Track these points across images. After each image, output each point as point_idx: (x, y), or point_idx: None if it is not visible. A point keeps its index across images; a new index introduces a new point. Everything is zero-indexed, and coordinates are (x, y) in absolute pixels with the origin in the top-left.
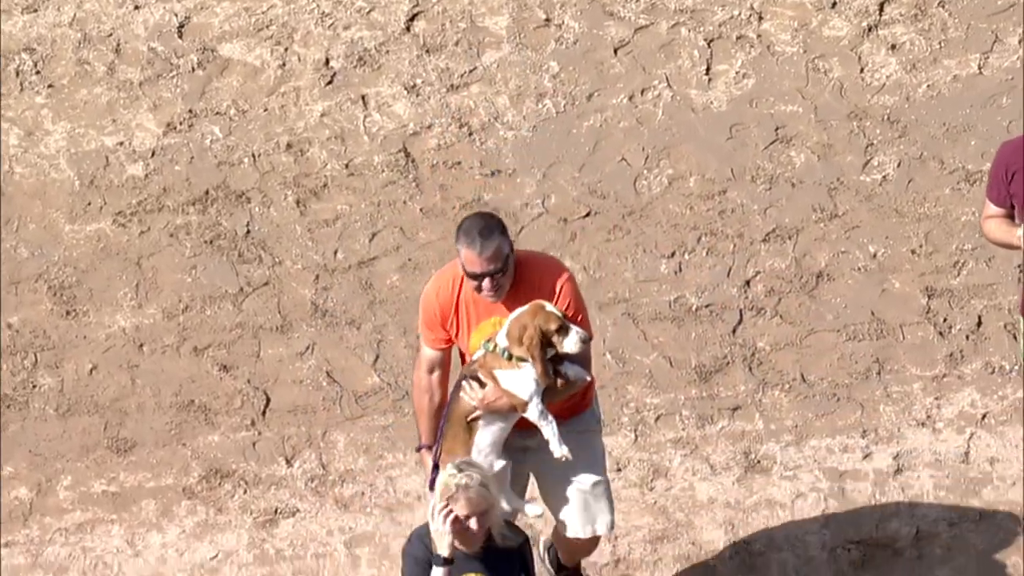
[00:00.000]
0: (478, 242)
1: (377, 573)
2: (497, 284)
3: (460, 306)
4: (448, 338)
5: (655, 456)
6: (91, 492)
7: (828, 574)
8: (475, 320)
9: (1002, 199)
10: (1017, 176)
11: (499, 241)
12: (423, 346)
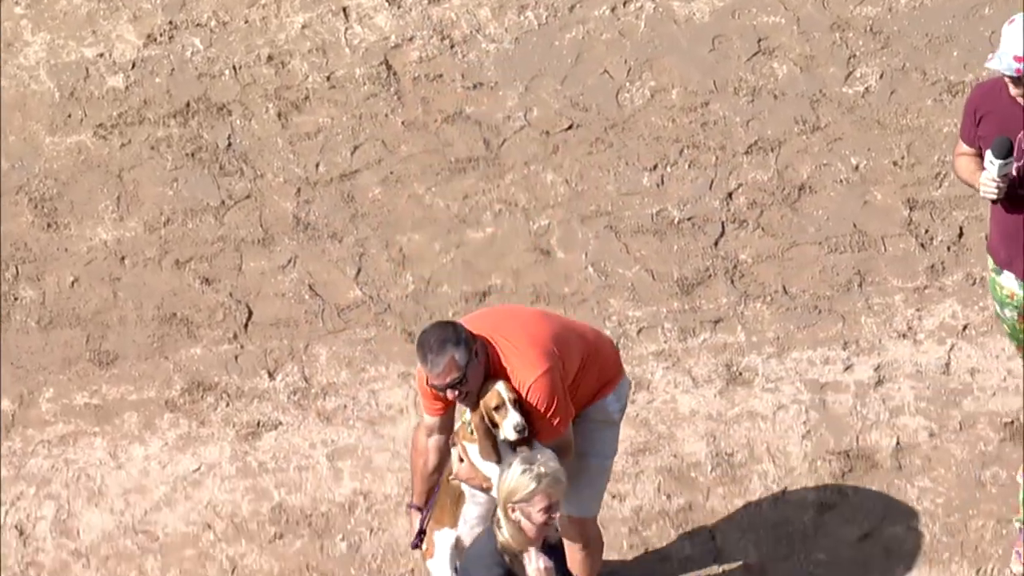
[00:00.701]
0: (429, 359)
1: (359, 486)
2: (463, 393)
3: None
4: (443, 405)
5: (637, 369)
6: (73, 404)
7: (809, 485)
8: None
9: (970, 139)
10: (985, 120)
11: (451, 354)
12: (425, 414)
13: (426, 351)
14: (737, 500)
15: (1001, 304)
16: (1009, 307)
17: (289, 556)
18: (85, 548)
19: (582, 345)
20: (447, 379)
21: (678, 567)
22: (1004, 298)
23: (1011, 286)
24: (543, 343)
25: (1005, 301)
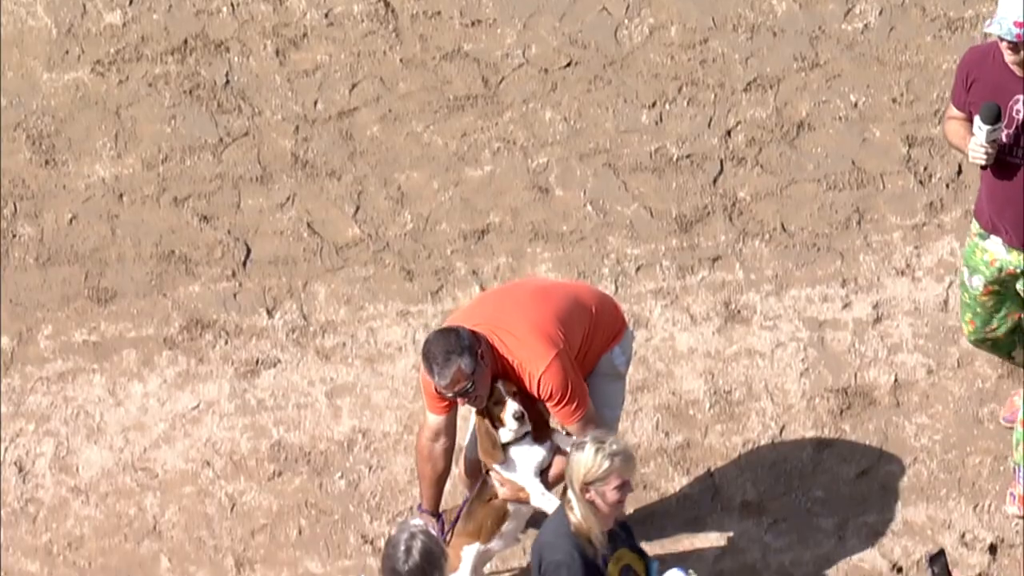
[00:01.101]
0: (435, 370)
1: (358, 424)
2: (472, 399)
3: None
4: (448, 404)
5: (636, 307)
6: (72, 341)
7: (807, 423)
8: None
9: (961, 103)
10: (975, 85)
11: (457, 364)
12: (428, 414)
13: (431, 362)
14: (735, 438)
15: (972, 271)
16: (980, 274)
17: (288, 493)
18: (84, 485)
19: (583, 315)
20: (456, 388)
21: (676, 505)
22: (981, 264)
23: (995, 251)
24: (545, 328)
25: (979, 267)
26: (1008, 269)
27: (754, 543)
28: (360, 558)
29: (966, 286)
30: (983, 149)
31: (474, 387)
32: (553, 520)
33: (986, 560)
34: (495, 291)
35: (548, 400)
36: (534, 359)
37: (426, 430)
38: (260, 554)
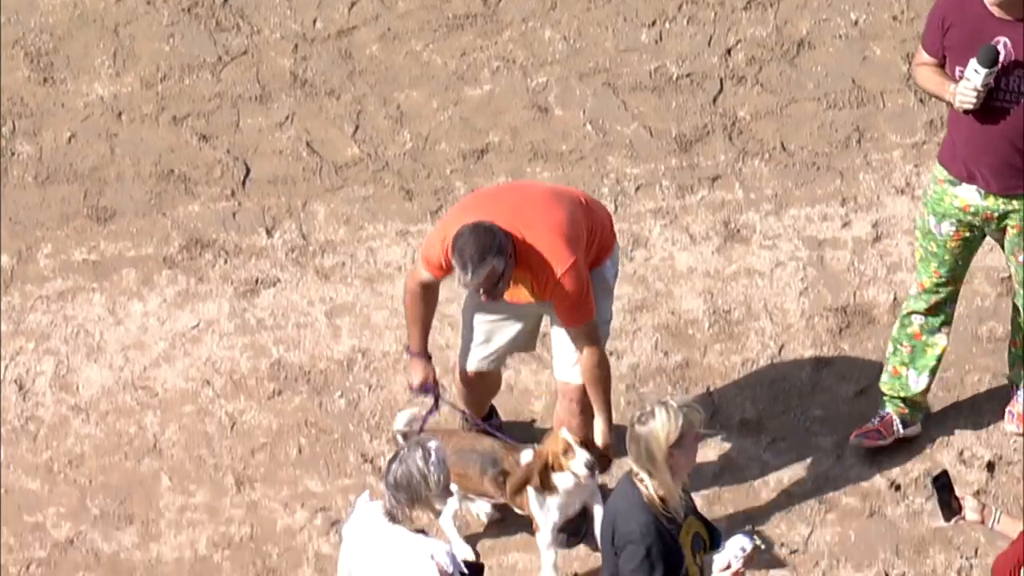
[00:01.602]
0: (468, 268)
1: (358, 343)
2: (493, 294)
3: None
4: (446, 273)
5: (635, 226)
6: (71, 260)
7: (806, 342)
8: None
9: (935, 49)
10: (952, 30)
11: (491, 265)
12: (421, 268)
13: (466, 261)
14: (734, 357)
15: (941, 217)
16: (951, 220)
17: (288, 412)
18: (84, 403)
19: (588, 223)
20: (484, 286)
21: None
22: (952, 210)
23: (968, 197)
24: (564, 231)
25: (950, 213)
26: (984, 214)
27: (753, 461)
28: (360, 477)
29: (932, 234)
30: (975, 94)
31: (500, 285)
32: (624, 492)
33: (984, 477)
34: (509, 188)
35: (562, 301)
36: (557, 260)
37: (416, 277)
38: (260, 473)
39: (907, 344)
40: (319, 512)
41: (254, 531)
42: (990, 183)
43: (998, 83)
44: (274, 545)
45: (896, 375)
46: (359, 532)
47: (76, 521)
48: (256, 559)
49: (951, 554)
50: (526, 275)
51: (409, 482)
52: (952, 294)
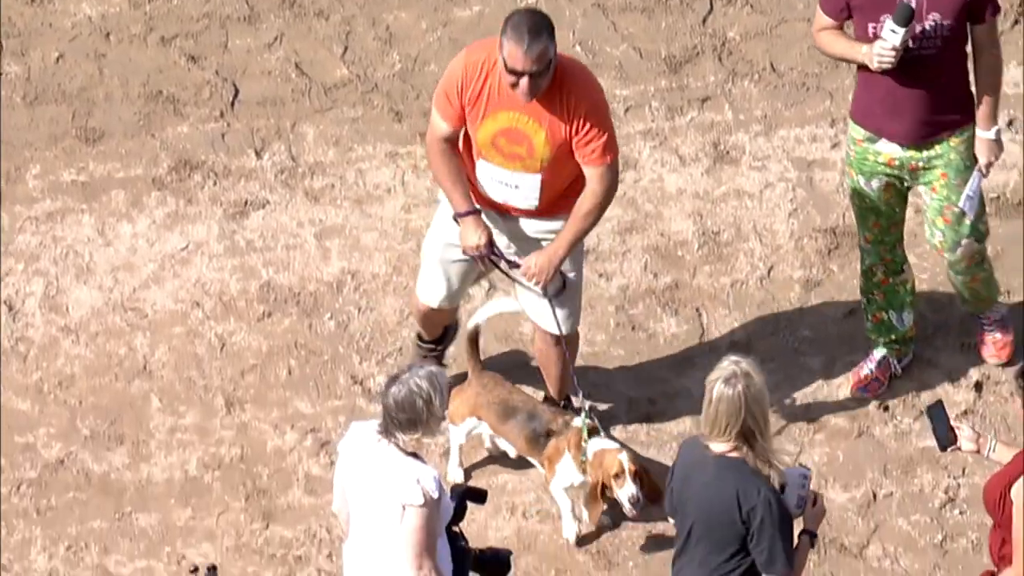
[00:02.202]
0: (526, 40)
1: (347, 265)
2: (535, 86)
3: (484, 88)
4: (461, 115)
5: (624, 148)
6: (60, 181)
7: (795, 263)
8: (493, 108)
9: (836, 11)
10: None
11: (547, 43)
12: (437, 118)
13: (524, 31)
14: (723, 278)
15: (869, 175)
16: (879, 177)
17: (277, 334)
18: (74, 324)
19: None
20: (535, 66)
21: (664, 345)
22: (877, 166)
23: (889, 151)
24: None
25: (876, 170)
26: (909, 165)
27: None
28: (350, 399)
29: (864, 192)
30: (894, 53)
31: (544, 74)
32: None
33: (972, 397)
34: None
35: (592, 129)
36: (591, 84)
37: (436, 133)
38: (250, 394)
39: (878, 292)
40: (309, 433)
41: (244, 452)
42: (910, 134)
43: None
44: (264, 466)
45: (878, 321)
46: (353, 451)
47: (66, 442)
48: (246, 480)
49: (939, 474)
50: (560, 96)
51: (412, 404)
52: (899, 236)
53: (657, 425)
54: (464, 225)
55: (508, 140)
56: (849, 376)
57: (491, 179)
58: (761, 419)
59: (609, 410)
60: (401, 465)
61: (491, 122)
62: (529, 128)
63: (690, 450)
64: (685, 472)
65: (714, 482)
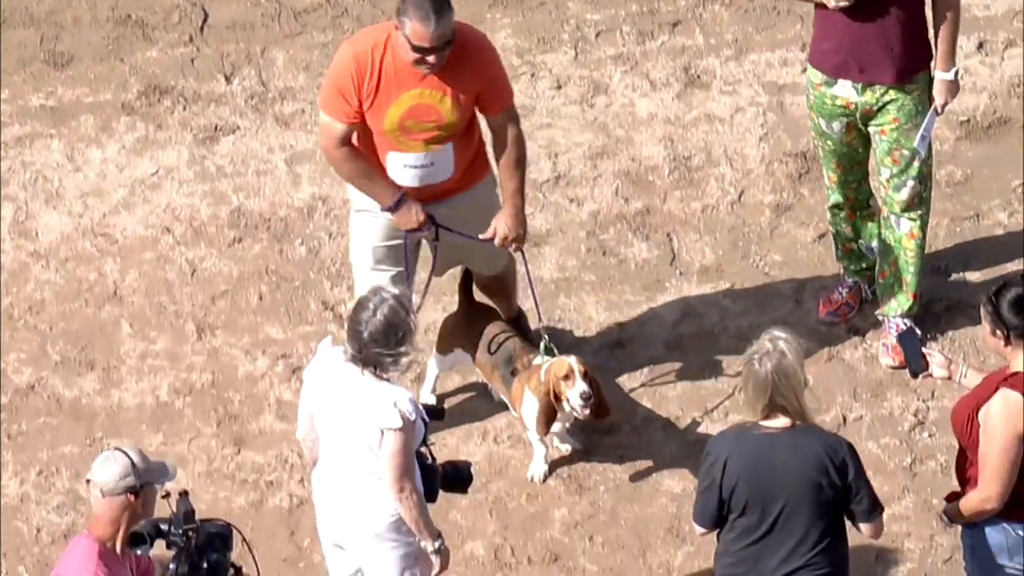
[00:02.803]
0: (433, 19)
1: (318, 191)
2: (441, 58)
3: (382, 76)
4: (359, 111)
5: (595, 73)
6: (29, 106)
7: (765, 187)
8: (395, 92)
9: None
10: None
11: (450, 16)
12: (331, 119)
13: (430, 9)
14: (694, 203)
15: (830, 118)
16: (839, 119)
17: (248, 260)
18: (44, 250)
19: None
20: (442, 41)
21: (635, 270)
22: (835, 109)
23: (846, 95)
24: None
25: (836, 113)
26: (864, 108)
27: (712, 307)
28: (321, 324)
29: (826, 134)
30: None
31: (449, 45)
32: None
33: (944, 319)
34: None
35: (495, 79)
36: (479, 35)
37: (333, 138)
38: (221, 320)
39: (845, 226)
40: (280, 359)
41: (215, 378)
42: (865, 75)
43: None
44: (236, 392)
45: (848, 251)
46: (321, 377)
47: (37, 367)
48: (218, 405)
49: (908, 397)
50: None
51: (385, 332)
52: (863, 173)
53: (628, 350)
54: (399, 213)
55: (416, 119)
56: (820, 300)
57: (404, 167)
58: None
59: (580, 335)
60: (376, 389)
61: (395, 107)
62: (434, 99)
63: (742, 441)
64: (754, 461)
65: (798, 450)
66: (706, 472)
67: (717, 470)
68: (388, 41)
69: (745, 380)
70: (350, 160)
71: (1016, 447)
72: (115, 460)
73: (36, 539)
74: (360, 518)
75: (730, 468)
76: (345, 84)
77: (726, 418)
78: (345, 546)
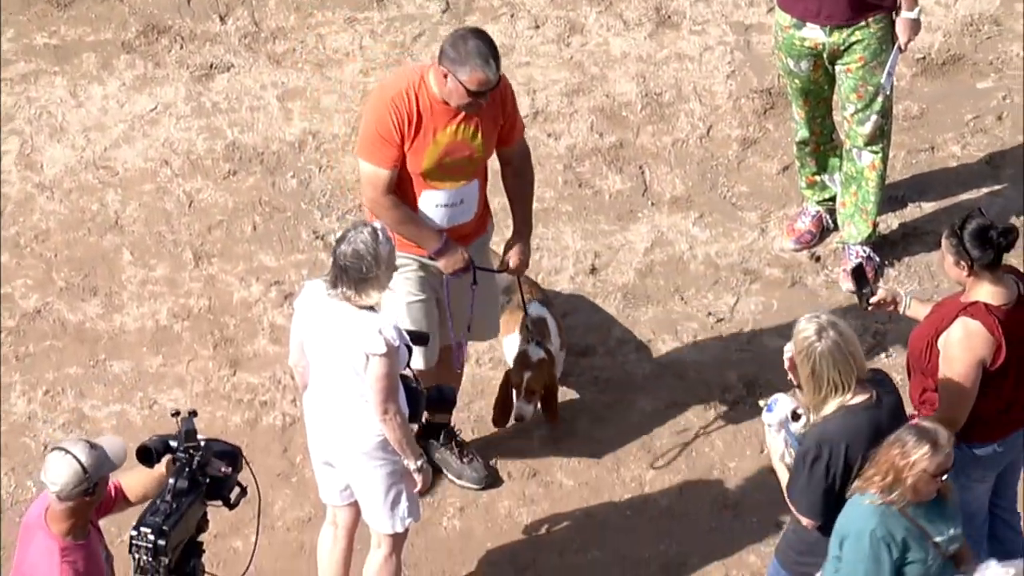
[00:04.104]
0: (492, 65)
1: (308, 126)
2: (479, 104)
3: (420, 117)
4: (401, 155)
5: (571, 13)
6: (33, 44)
7: (732, 122)
8: (433, 131)
9: None
10: None
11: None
12: (374, 168)
13: (489, 58)
14: (665, 137)
15: (798, 58)
16: (807, 58)
17: (242, 191)
18: (48, 181)
19: None
20: (491, 87)
21: (609, 200)
22: (803, 50)
23: (814, 36)
24: None
25: (804, 53)
26: (831, 48)
27: (682, 235)
28: (311, 252)
29: (794, 73)
30: None
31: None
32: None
33: (900, 248)
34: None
35: (513, 110)
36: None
37: (379, 186)
38: (217, 248)
39: (810, 159)
40: (273, 286)
41: (212, 303)
42: (832, 16)
43: None
44: (231, 316)
45: (812, 183)
46: (310, 307)
47: (43, 292)
48: (214, 329)
49: (867, 320)
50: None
51: (358, 261)
52: (828, 109)
53: (602, 275)
54: (447, 255)
55: (452, 156)
56: (784, 229)
57: (436, 206)
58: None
59: (557, 263)
60: (360, 317)
61: (434, 146)
62: (466, 135)
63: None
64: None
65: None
66: (823, 468)
67: (837, 463)
68: (421, 83)
69: (817, 364)
70: (396, 207)
71: (976, 372)
72: (67, 465)
73: (42, 454)
74: (348, 438)
75: (851, 454)
76: (387, 129)
77: (695, 340)
78: (335, 464)
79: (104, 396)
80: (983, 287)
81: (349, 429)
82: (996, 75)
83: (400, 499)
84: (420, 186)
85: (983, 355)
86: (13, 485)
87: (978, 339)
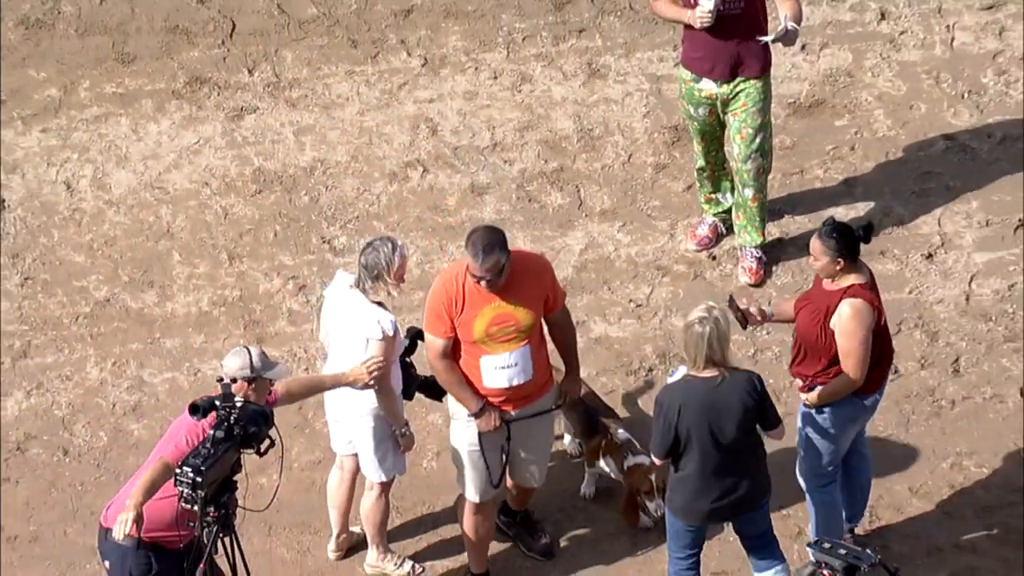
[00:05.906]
0: (481, 256)
1: (317, 155)
2: (494, 282)
3: (466, 296)
4: (452, 327)
5: (522, 67)
6: (104, 93)
7: (648, 152)
8: (477, 306)
9: None
10: None
11: (497, 256)
12: (433, 338)
13: (478, 250)
14: (596, 163)
15: (696, 105)
16: (704, 106)
17: (266, 206)
18: (115, 199)
19: None
20: (489, 274)
21: (552, 213)
22: (702, 100)
23: (709, 88)
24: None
25: (702, 102)
26: (722, 98)
27: (609, 240)
28: (320, 254)
29: (694, 116)
30: (711, 14)
31: (501, 273)
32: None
33: (776, 248)
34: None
35: (554, 284)
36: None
37: (436, 351)
38: (246, 250)
39: (708, 182)
40: (290, 280)
41: (243, 294)
42: (724, 74)
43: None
44: (257, 304)
45: (709, 199)
46: (334, 297)
47: (111, 285)
48: (244, 314)
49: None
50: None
51: (376, 264)
52: (720, 144)
53: None
54: (483, 418)
55: (499, 326)
56: (688, 234)
57: (495, 368)
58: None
59: None
60: (367, 309)
61: (480, 319)
62: (509, 308)
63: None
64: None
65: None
66: (663, 418)
67: (672, 415)
68: (466, 270)
69: (688, 338)
70: (450, 371)
71: (869, 338)
72: (239, 355)
73: (112, 411)
74: (350, 402)
75: (684, 412)
76: (439, 306)
77: (620, 321)
78: (340, 421)
79: (159, 366)
80: (852, 274)
81: (352, 395)
82: (850, 115)
83: (387, 455)
84: (478, 352)
85: (870, 323)
86: (89, 435)
87: (865, 312)
